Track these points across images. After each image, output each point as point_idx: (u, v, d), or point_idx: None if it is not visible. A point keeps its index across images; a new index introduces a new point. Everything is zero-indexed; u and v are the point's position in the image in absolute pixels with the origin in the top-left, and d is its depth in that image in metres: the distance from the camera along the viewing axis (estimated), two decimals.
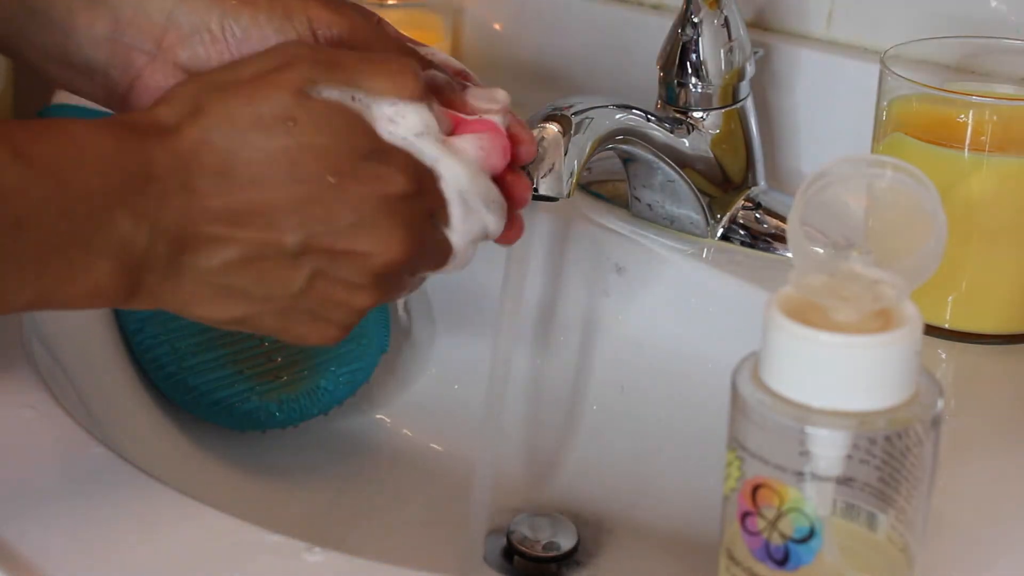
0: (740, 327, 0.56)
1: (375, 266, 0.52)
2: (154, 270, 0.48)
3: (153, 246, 0.48)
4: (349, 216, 0.51)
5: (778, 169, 0.82)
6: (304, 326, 0.53)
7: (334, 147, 0.51)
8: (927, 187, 0.43)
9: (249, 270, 0.50)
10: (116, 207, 0.47)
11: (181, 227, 0.48)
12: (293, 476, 0.74)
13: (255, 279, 0.51)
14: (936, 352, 0.66)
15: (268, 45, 0.54)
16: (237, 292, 0.51)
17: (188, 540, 0.50)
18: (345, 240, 0.51)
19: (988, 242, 0.65)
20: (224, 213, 0.49)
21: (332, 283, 0.52)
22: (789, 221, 0.44)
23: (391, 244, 0.52)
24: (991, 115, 0.63)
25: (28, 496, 0.52)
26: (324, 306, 0.53)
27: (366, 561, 0.49)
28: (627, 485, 0.73)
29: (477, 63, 1.00)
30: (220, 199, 0.49)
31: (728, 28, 0.73)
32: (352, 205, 0.51)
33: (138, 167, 0.48)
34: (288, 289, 0.51)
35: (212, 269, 0.50)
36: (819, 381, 0.41)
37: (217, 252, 0.49)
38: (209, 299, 0.51)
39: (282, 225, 0.50)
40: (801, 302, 0.42)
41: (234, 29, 0.55)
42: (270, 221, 0.50)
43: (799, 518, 0.42)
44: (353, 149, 0.51)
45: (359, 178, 0.51)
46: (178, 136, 0.49)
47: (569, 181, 0.65)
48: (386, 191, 0.51)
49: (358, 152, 0.51)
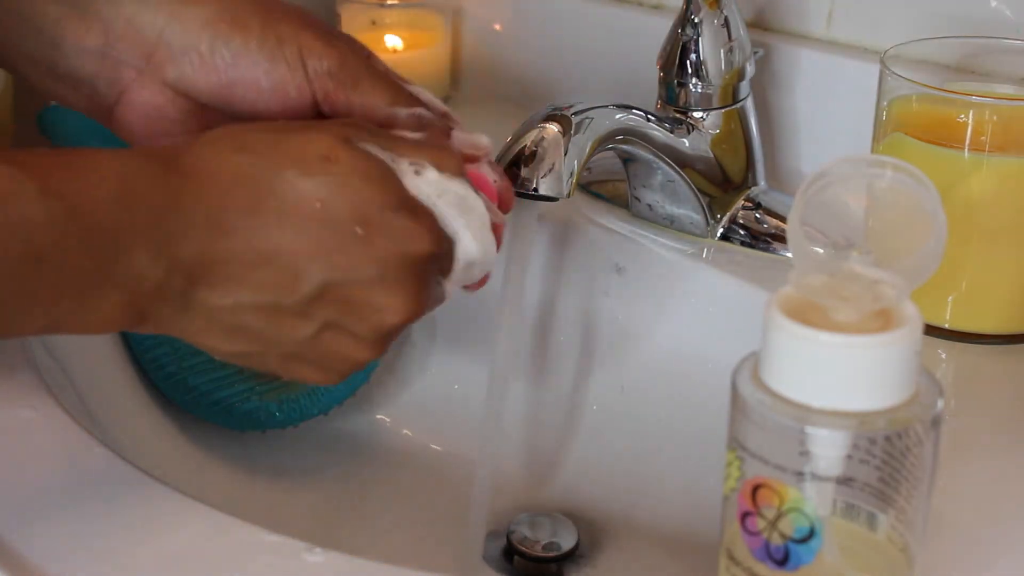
0: (740, 327, 0.56)
1: (386, 323, 0.52)
2: (167, 302, 0.48)
3: (169, 280, 0.48)
4: (371, 270, 0.51)
5: (778, 169, 0.82)
6: (304, 370, 0.54)
7: (367, 194, 0.50)
8: (927, 187, 0.43)
9: (261, 314, 0.50)
10: (137, 242, 0.47)
11: (199, 262, 0.48)
12: (293, 476, 0.74)
13: (266, 323, 0.51)
14: (936, 352, 0.66)
15: (258, 72, 0.54)
16: (246, 331, 0.51)
17: (188, 540, 0.50)
18: (363, 293, 0.51)
19: (988, 242, 0.65)
20: (245, 253, 0.49)
21: (340, 335, 0.52)
22: (789, 221, 0.44)
23: (407, 303, 0.52)
24: (991, 115, 0.63)
25: (28, 496, 0.52)
26: (328, 356, 0.53)
27: (366, 561, 0.49)
28: (627, 485, 0.73)
29: (477, 63, 1.00)
30: (245, 238, 0.49)
31: (728, 28, 0.73)
32: (376, 259, 0.51)
33: (162, 200, 0.47)
34: (296, 335, 0.51)
35: (225, 308, 0.50)
36: (819, 381, 0.41)
37: (232, 292, 0.49)
38: (216, 334, 0.51)
39: (302, 271, 0.50)
40: (801, 302, 0.42)
41: (224, 53, 0.54)
42: (291, 265, 0.50)
43: (799, 518, 0.42)
44: (385, 199, 0.51)
45: (386, 232, 0.51)
46: (213, 171, 0.49)
47: (569, 181, 0.65)
48: (411, 249, 0.51)
49: (389, 202, 0.51)
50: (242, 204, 0.49)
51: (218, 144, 0.50)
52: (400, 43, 0.98)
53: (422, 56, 0.98)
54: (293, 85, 0.55)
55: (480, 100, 1.00)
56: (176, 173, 0.48)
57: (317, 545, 0.50)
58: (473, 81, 1.00)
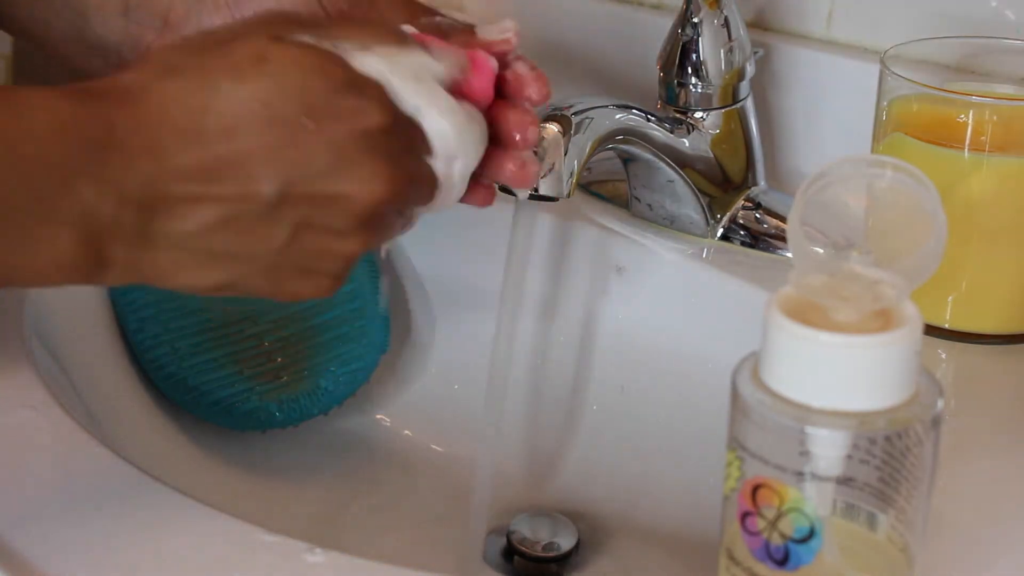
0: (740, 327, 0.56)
1: (360, 208, 0.50)
2: (123, 240, 0.46)
3: (120, 214, 0.46)
4: (327, 157, 0.49)
5: (778, 169, 0.82)
6: (295, 281, 0.51)
7: (308, 83, 0.49)
8: (927, 187, 0.43)
9: (228, 229, 0.48)
10: (76, 176, 0.45)
11: (149, 192, 0.46)
12: (293, 476, 0.74)
13: (236, 238, 0.48)
14: (936, 352, 0.66)
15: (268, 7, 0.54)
16: (219, 255, 0.49)
17: (188, 540, 0.50)
18: (325, 183, 0.49)
19: (988, 242, 0.65)
20: (195, 171, 0.47)
21: (317, 232, 0.50)
22: (789, 221, 0.44)
23: (374, 182, 0.49)
24: (991, 115, 0.63)
25: (28, 496, 0.52)
26: (312, 258, 0.50)
27: (366, 561, 0.49)
28: (627, 485, 0.73)
29: None
30: (190, 156, 0.47)
31: (728, 28, 0.73)
32: (330, 145, 0.49)
33: (99, 132, 0.46)
34: (271, 244, 0.49)
35: (188, 233, 0.48)
36: (819, 381, 0.41)
37: (191, 214, 0.47)
38: (190, 266, 0.48)
39: (258, 175, 0.48)
40: (801, 302, 0.42)
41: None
42: (245, 172, 0.48)
43: (799, 518, 0.42)
44: (327, 84, 0.49)
45: (335, 115, 0.49)
46: (144, 97, 0.47)
47: (569, 181, 0.65)
48: (364, 125, 0.49)
49: (332, 86, 0.49)
50: (180, 124, 0.47)
51: (145, 71, 0.49)
52: None
53: None
54: (307, 11, 0.55)
55: None
56: (109, 104, 0.47)
57: (317, 545, 0.50)
58: None
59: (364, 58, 0.51)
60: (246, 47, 0.49)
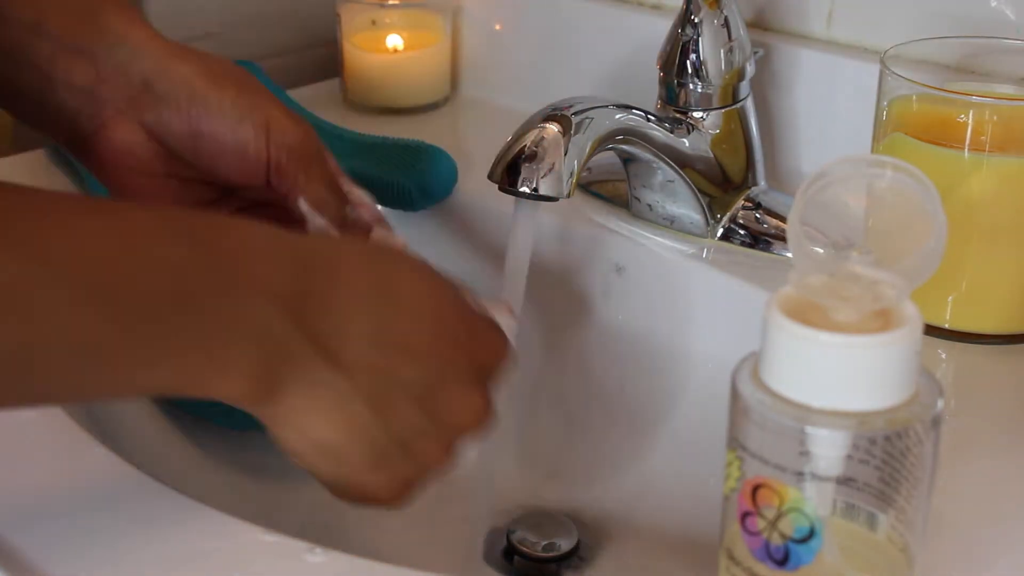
0: (740, 327, 0.56)
1: (462, 425, 0.53)
2: (296, 365, 0.48)
3: (293, 337, 0.47)
4: (470, 372, 0.52)
5: (778, 169, 0.82)
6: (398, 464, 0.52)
7: (460, 304, 0.53)
8: (927, 187, 0.43)
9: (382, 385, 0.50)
10: (272, 297, 0.47)
11: (327, 330, 0.48)
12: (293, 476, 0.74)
13: (383, 395, 0.50)
14: (936, 352, 0.66)
15: (225, 128, 0.58)
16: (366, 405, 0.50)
17: (188, 540, 0.50)
18: (460, 390, 0.52)
19: (988, 242, 0.65)
20: (371, 330, 0.49)
21: (430, 435, 0.52)
22: (789, 221, 0.44)
23: (484, 410, 0.53)
24: (991, 115, 0.63)
25: (28, 496, 0.52)
26: (419, 454, 0.52)
27: (366, 561, 0.49)
28: (627, 485, 0.73)
29: (477, 63, 1.00)
30: (370, 319, 0.49)
31: (728, 28, 0.73)
32: (470, 360, 0.52)
33: (299, 261, 0.48)
34: (407, 419, 0.51)
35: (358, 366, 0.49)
36: (819, 381, 0.41)
37: (360, 359, 0.49)
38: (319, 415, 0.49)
39: (421, 354, 0.51)
40: (801, 302, 0.42)
41: (199, 105, 0.58)
42: (412, 349, 0.50)
43: (799, 518, 0.42)
44: (467, 311, 0.53)
45: (482, 341, 0.53)
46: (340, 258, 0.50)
47: (569, 181, 0.65)
48: (491, 360, 0.54)
49: (473, 315, 0.54)
50: (364, 288, 0.50)
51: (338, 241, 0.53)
52: (400, 43, 0.98)
53: (422, 56, 0.98)
54: (253, 147, 0.59)
55: (480, 100, 1.00)
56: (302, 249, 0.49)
57: (317, 545, 0.50)
58: (473, 81, 1.00)
59: None
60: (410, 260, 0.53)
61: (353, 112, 0.98)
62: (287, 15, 1.07)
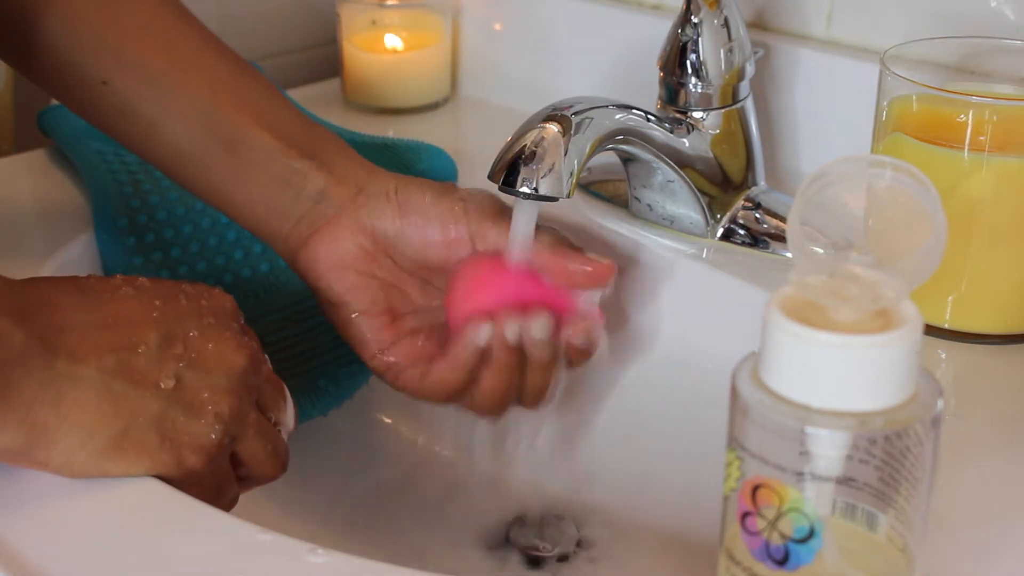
0: (740, 327, 0.56)
1: (232, 365, 0.55)
2: (31, 373, 0.50)
3: (28, 343, 0.50)
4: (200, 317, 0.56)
5: (778, 169, 0.82)
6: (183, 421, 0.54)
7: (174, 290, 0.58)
8: (927, 187, 0.43)
9: (123, 371, 0.52)
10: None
11: (56, 329, 0.51)
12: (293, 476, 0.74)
13: (130, 379, 0.52)
14: (936, 352, 0.66)
15: (426, 206, 0.66)
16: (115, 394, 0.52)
17: (188, 540, 0.50)
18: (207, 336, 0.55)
19: (988, 242, 0.65)
20: (91, 321, 0.53)
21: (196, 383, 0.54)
22: (789, 221, 0.44)
23: (241, 346, 0.56)
24: (991, 115, 0.63)
25: (28, 496, 0.52)
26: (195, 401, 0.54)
27: (367, 561, 0.49)
28: (627, 485, 0.73)
29: (477, 63, 1.00)
30: (88, 310, 0.53)
31: (728, 28, 0.73)
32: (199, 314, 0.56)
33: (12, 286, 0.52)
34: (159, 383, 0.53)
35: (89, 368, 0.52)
36: (819, 381, 0.41)
37: (90, 354, 0.52)
38: (90, 405, 0.51)
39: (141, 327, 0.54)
40: (801, 302, 0.42)
41: (404, 195, 0.66)
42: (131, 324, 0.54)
43: (799, 518, 0.42)
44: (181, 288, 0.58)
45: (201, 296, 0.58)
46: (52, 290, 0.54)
47: (569, 181, 0.65)
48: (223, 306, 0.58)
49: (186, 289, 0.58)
50: (77, 299, 0.54)
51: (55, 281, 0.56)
52: (400, 43, 0.98)
53: (422, 56, 0.98)
54: (452, 219, 0.66)
55: (480, 100, 1.00)
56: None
57: (319, 545, 0.50)
58: (473, 81, 1.00)
59: None
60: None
61: (353, 112, 0.98)
62: (287, 15, 1.07)
